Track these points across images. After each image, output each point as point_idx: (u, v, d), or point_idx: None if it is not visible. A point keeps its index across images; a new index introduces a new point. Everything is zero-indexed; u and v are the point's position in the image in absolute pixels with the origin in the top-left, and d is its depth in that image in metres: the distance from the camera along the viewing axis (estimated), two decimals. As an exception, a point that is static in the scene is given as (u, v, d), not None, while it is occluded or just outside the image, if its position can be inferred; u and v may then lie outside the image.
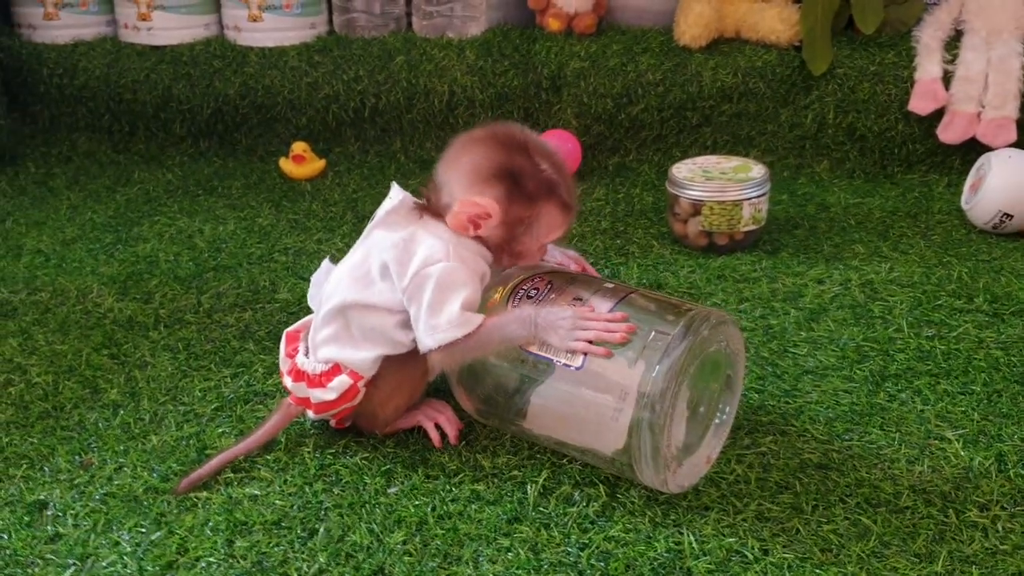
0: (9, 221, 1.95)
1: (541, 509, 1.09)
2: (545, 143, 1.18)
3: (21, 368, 1.39)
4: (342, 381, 1.14)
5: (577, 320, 1.07)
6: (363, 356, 1.14)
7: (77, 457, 1.19)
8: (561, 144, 2.13)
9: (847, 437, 1.21)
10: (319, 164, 2.20)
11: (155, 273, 1.69)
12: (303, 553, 1.02)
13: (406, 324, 1.13)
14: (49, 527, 1.07)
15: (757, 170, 1.76)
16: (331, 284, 1.18)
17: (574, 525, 1.06)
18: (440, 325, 1.09)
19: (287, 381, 1.18)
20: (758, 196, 1.72)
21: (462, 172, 1.14)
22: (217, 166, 2.27)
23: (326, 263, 1.24)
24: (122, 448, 1.21)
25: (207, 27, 2.40)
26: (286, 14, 2.33)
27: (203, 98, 2.32)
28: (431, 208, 1.16)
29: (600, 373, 1.05)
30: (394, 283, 1.12)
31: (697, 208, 1.73)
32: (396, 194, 1.18)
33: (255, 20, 2.32)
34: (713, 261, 1.72)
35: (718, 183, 1.72)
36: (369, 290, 1.14)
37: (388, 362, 1.16)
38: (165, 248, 1.80)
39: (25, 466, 1.18)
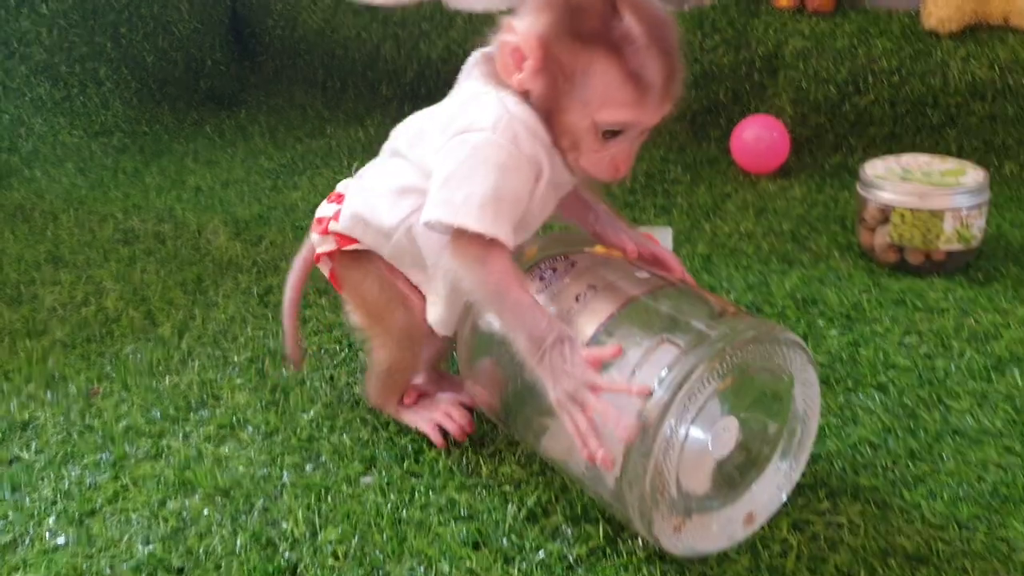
0: (189, 159, 1.99)
1: (514, 537, 0.87)
2: (652, 1, 0.85)
3: (102, 291, 1.37)
4: (328, 208, 1.01)
5: (580, 389, 0.79)
6: (351, 204, 0.97)
7: (90, 385, 1.14)
8: (766, 134, 1.84)
9: (971, 526, 0.89)
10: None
11: (280, 220, 1.63)
12: (226, 529, 0.89)
13: (402, 195, 0.93)
14: (14, 449, 1.02)
15: (973, 175, 1.39)
16: (401, 125, 0.98)
17: (542, 566, 0.84)
18: (454, 200, 0.83)
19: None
20: (968, 208, 1.36)
21: (525, 1, 0.86)
22: (407, 128, 2.21)
23: None
24: (132, 383, 1.14)
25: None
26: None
27: (408, 59, 2.26)
28: None
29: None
30: (434, 142, 0.89)
31: (886, 214, 1.40)
32: (492, 44, 0.91)
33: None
34: (897, 282, 1.38)
35: (915, 185, 1.37)
36: (414, 144, 0.93)
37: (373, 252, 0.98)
38: (307, 199, 1.75)
39: (39, 384, 1.14)
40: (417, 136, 0.94)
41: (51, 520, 0.90)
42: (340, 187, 1.03)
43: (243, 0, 2.42)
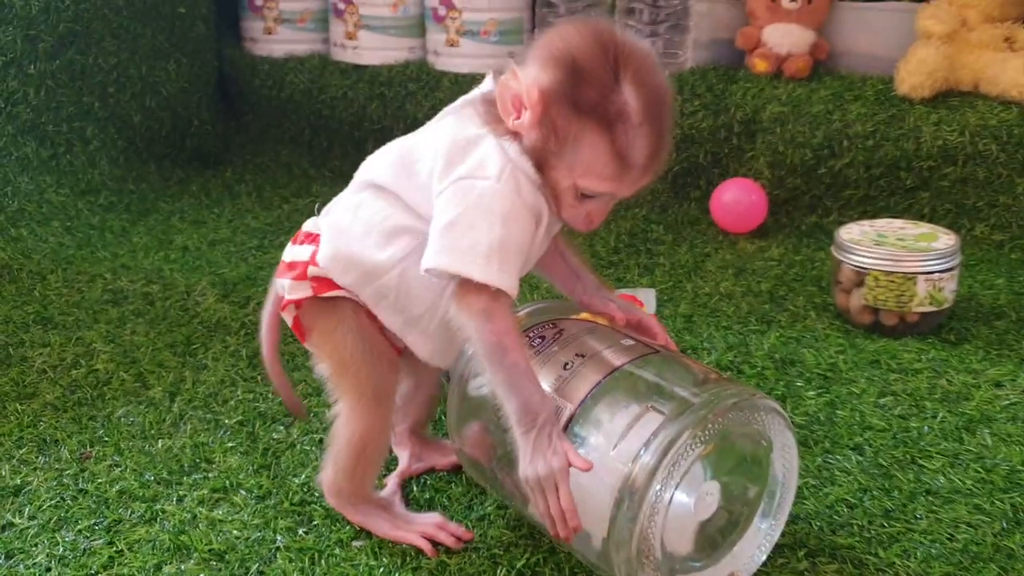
0: (176, 218, 2.01)
1: (504, 600, 0.90)
2: (656, 72, 0.87)
3: (92, 353, 1.39)
4: (301, 251, 0.97)
5: (551, 481, 0.82)
6: (331, 244, 0.95)
7: (82, 449, 1.15)
8: (744, 196, 1.90)
9: (945, 585, 0.92)
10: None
11: (267, 280, 1.65)
12: (221, 595, 0.90)
13: (393, 235, 0.91)
14: (7, 515, 1.02)
15: (945, 240, 1.44)
16: (375, 156, 0.98)
17: (532, 628, 0.86)
18: (459, 247, 0.84)
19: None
20: (940, 272, 1.41)
21: (533, 48, 0.89)
22: (392, 187, 2.24)
23: None
24: (125, 446, 1.15)
25: (411, 50, 2.39)
26: (484, 41, 2.27)
27: (394, 119, 2.31)
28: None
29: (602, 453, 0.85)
30: (430, 182, 0.89)
31: (861, 277, 1.45)
32: (488, 84, 0.93)
33: (452, 45, 2.28)
34: (872, 343, 1.42)
35: (889, 250, 1.42)
36: (400, 179, 0.92)
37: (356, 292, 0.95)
38: (295, 258, 1.77)
39: (31, 448, 1.15)
40: (401, 169, 0.93)
41: (46, 586, 0.91)
42: (308, 226, 1.00)
43: (230, 60, 2.46)
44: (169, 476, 1.09)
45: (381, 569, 0.93)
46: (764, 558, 0.92)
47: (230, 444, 1.16)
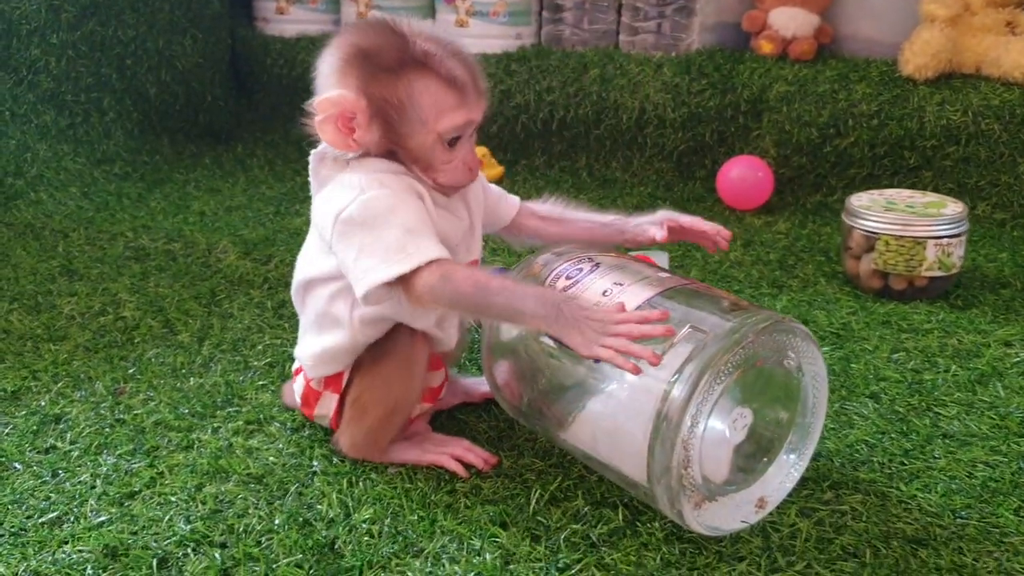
0: (191, 186, 2.04)
1: (540, 518, 0.92)
2: (430, 28, 0.93)
3: (118, 302, 1.41)
4: (299, 382, 1.04)
5: (608, 324, 0.83)
6: (306, 349, 1.00)
7: (116, 384, 1.17)
8: (750, 172, 1.93)
9: (965, 514, 0.95)
10: (496, 171, 2.14)
11: (287, 241, 1.68)
12: (264, 511, 0.92)
13: (341, 294, 0.95)
14: (50, 439, 1.05)
15: (953, 207, 1.48)
16: (298, 263, 1.02)
17: (567, 543, 0.89)
18: (374, 261, 0.86)
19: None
20: (949, 237, 1.45)
21: (320, 73, 0.92)
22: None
23: None
24: (157, 384, 1.17)
25: (422, 31, 2.42)
26: (492, 21, 2.30)
27: (404, 98, 2.34)
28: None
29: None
30: (327, 243, 0.92)
31: (871, 243, 1.48)
32: (317, 150, 0.97)
33: (462, 25, 2.32)
34: (882, 306, 1.46)
35: (899, 215, 1.46)
36: (310, 263, 0.97)
37: (355, 356, 0.98)
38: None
39: (66, 383, 1.17)
40: (306, 257, 0.99)
41: (92, 501, 0.93)
42: (296, 363, 1.06)
43: (242, 40, 2.49)
44: (203, 410, 1.11)
45: (416, 492, 0.96)
46: (791, 486, 0.95)
47: (261, 382, 1.18)
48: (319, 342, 0.98)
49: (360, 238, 0.88)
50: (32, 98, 2.06)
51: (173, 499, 0.94)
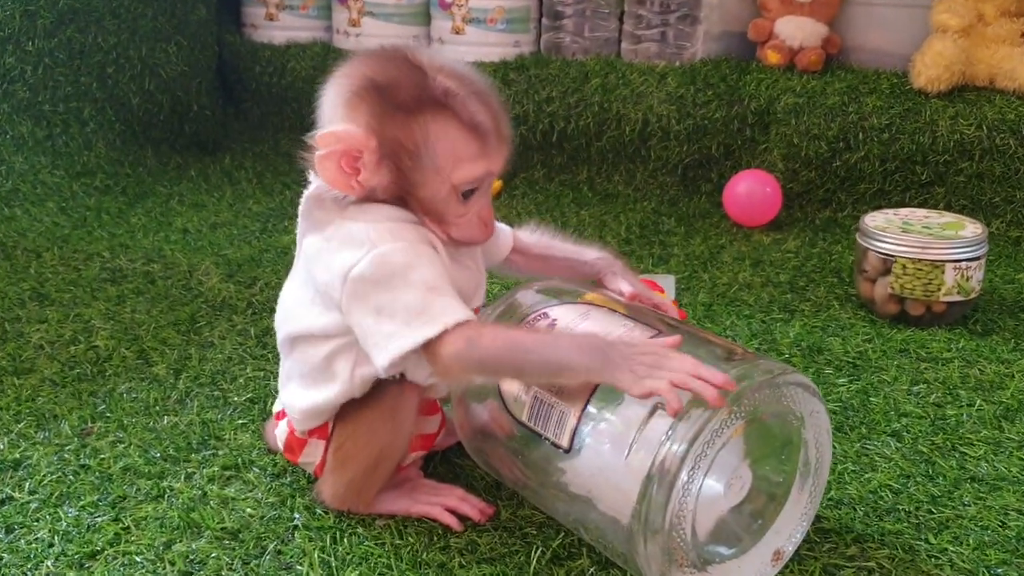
0: (175, 200, 1.95)
1: (540, 581, 0.84)
2: (452, 61, 0.84)
3: (91, 330, 1.33)
4: (282, 428, 0.95)
5: (661, 358, 0.75)
6: (293, 401, 0.91)
7: (84, 424, 1.09)
8: (759, 187, 1.85)
9: (999, 570, 0.87)
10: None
11: (274, 262, 1.60)
12: (238, 572, 0.85)
13: (343, 351, 0.86)
14: (6, 489, 0.97)
15: (972, 229, 1.41)
16: (279, 308, 0.93)
17: (571, 610, 0.81)
18: (395, 325, 0.78)
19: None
20: (968, 260, 1.37)
21: (325, 104, 0.83)
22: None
23: None
24: (128, 423, 1.09)
25: (416, 38, 2.35)
26: (490, 29, 2.23)
27: (397, 108, 2.26)
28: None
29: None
30: (326, 297, 0.84)
31: (888, 265, 1.41)
32: (310, 188, 0.88)
33: (458, 33, 2.24)
34: (899, 333, 1.38)
35: (917, 237, 1.38)
36: (301, 317, 0.88)
37: (343, 408, 0.90)
38: (299, 241, 1.72)
39: (29, 423, 1.09)
40: (295, 309, 0.89)
41: (49, 563, 0.85)
42: (277, 406, 0.98)
43: (230, 47, 2.41)
44: (176, 453, 1.03)
45: (407, 549, 0.88)
46: (803, 535, 0.87)
47: (240, 421, 1.10)
48: (309, 396, 0.89)
49: (376, 299, 0.79)
50: (7, 108, 1.97)
51: (139, 559, 0.86)
